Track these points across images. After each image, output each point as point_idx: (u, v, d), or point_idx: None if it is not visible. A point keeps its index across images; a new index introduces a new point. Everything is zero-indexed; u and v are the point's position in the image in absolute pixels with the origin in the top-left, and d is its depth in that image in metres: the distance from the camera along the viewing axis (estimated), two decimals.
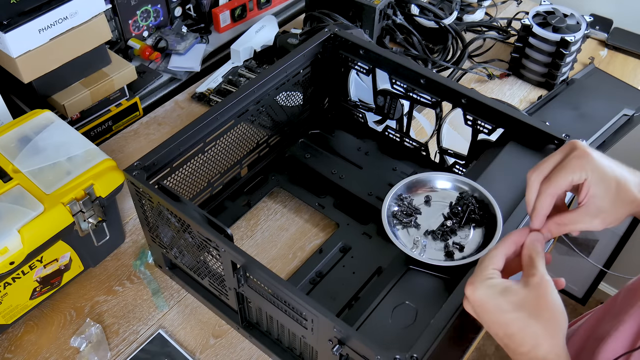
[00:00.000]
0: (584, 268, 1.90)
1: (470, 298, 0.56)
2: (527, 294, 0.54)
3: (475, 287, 0.56)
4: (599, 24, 1.37)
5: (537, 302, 0.53)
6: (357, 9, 1.21)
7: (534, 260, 0.57)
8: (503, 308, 0.54)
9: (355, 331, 0.59)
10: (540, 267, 0.56)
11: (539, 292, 0.54)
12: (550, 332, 0.53)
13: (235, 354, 0.81)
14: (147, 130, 1.12)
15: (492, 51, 1.33)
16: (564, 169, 0.57)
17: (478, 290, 0.55)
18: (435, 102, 0.88)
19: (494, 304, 0.55)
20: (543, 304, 0.53)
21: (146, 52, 1.24)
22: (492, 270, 0.57)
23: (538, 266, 0.56)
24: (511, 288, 0.55)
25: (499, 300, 0.54)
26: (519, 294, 0.54)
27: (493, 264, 0.57)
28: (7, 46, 0.91)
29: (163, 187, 0.74)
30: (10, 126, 0.86)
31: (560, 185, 0.57)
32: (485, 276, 0.56)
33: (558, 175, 0.57)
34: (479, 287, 0.55)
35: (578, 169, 0.57)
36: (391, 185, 0.86)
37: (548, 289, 0.54)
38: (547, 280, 0.55)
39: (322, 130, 1.05)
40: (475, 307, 0.57)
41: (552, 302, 0.54)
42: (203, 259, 0.75)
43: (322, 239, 0.94)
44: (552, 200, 0.58)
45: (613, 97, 1.19)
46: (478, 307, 0.56)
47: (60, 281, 0.85)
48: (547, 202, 0.58)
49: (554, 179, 0.57)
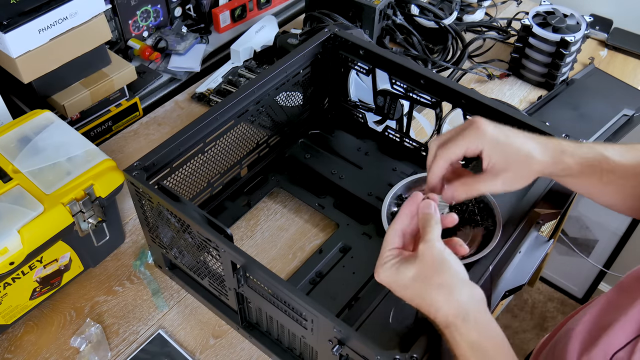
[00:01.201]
0: (584, 268, 1.90)
1: (380, 282, 0.61)
2: (417, 266, 0.58)
3: (378, 273, 0.61)
4: (599, 24, 1.37)
5: (425, 270, 0.58)
6: (357, 9, 1.21)
7: (423, 229, 0.61)
8: (402, 284, 0.59)
9: (355, 331, 0.59)
10: (428, 235, 0.60)
11: (426, 259, 0.58)
12: (445, 294, 0.57)
13: (235, 354, 0.81)
14: (147, 131, 1.12)
15: (492, 51, 1.33)
16: (460, 138, 0.64)
17: (380, 275, 0.60)
18: (435, 102, 0.88)
19: (395, 283, 0.60)
20: (431, 271, 0.58)
21: (146, 52, 1.24)
22: (389, 251, 0.61)
23: (427, 234, 0.60)
24: (404, 264, 0.59)
25: (398, 278, 0.59)
26: (411, 268, 0.59)
27: (389, 245, 0.62)
28: (7, 46, 0.91)
29: (163, 187, 0.74)
30: (10, 126, 0.87)
31: (455, 151, 0.64)
32: (383, 260, 0.61)
33: (454, 143, 0.64)
34: (380, 271, 0.60)
35: (473, 138, 0.63)
36: (391, 186, 0.86)
37: (434, 254, 0.58)
38: (433, 247, 0.59)
39: (322, 130, 1.05)
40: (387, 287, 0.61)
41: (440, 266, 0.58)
42: (203, 259, 0.75)
43: (322, 239, 0.94)
44: (445, 164, 0.64)
45: (613, 97, 1.19)
46: (388, 287, 0.61)
47: (60, 281, 0.85)
48: (440, 164, 0.64)
49: (450, 145, 0.64)
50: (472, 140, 0.63)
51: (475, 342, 0.57)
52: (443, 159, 0.64)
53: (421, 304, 0.59)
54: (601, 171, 0.65)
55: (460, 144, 0.63)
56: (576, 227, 1.86)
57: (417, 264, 0.58)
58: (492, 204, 0.76)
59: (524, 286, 0.75)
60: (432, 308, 0.58)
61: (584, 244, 1.87)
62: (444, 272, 0.58)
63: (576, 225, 1.85)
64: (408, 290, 0.59)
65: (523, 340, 1.91)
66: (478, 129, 0.63)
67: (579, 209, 1.82)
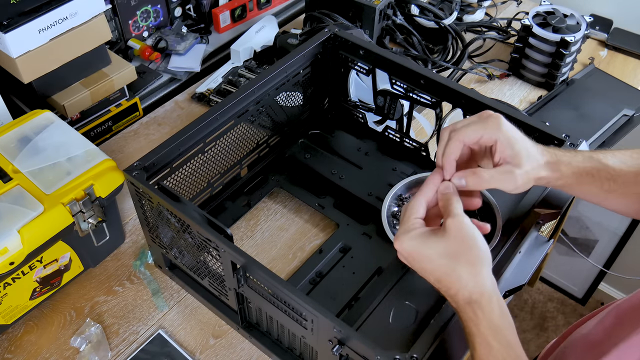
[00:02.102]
0: (584, 268, 1.90)
1: (399, 250, 0.60)
2: (446, 241, 0.57)
3: (401, 240, 0.59)
4: (599, 24, 1.37)
5: (456, 245, 0.57)
6: (357, 9, 1.21)
7: (448, 205, 0.60)
8: (427, 257, 0.58)
9: (355, 331, 0.59)
10: (455, 210, 0.59)
11: (456, 234, 0.58)
12: (472, 271, 0.57)
13: (235, 354, 0.81)
14: (147, 131, 1.12)
15: (492, 51, 1.33)
16: (477, 124, 0.63)
17: (404, 243, 0.59)
18: (435, 103, 0.88)
19: (418, 254, 0.59)
20: (462, 247, 0.57)
21: (146, 53, 1.24)
22: (414, 219, 0.60)
23: (453, 210, 0.59)
24: (433, 236, 0.58)
25: (423, 250, 0.58)
26: (440, 240, 0.58)
27: (414, 214, 0.61)
28: (7, 46, 0.91)
29: (163, 187, 0.74)
30: (10, 126, 0.87)
31: (470, 135, 0.63)
32: (408, 228, 0.60)
33: (469, 127, 0.63)
34: (404, 239, 0.59)
35: (490, 127, 0.62)
36: (391, 186, 0.86)
37: (464, 230, 0.58)
38: (462, 222, 0.58)
39: (322, 130, 1.05)
40: (405, 257, 0.60)
41: (471, 242, 0.58)
42: (203, 259, 0.75)
43: (322, 239, 0.94)
44: (460, 145, 0.63)
45: (613, 97, 1.19)
46: (408, 257, 0.60)
47: (60, 281, 0.85)
48: (455, 145, 0.63)
49: (465, 129, 0.63)
50: (488, 129, 0.62)
51: (495, 322, 0.57)
52: (458, 139, 0.63)
53: (443, 279, 0.58)
54: (601, 179, 0.65)
55: (476, 129, 0.63)
56: (576, 227, 1.86)
57: (447, 239, 0.58)
58: (492, 204, 0.76)
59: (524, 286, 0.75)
60: (456, 284, 0.57)
61: (584, 244, 1.87)
62: (474, 248, 0.58)
63: (576, 225, 1.85)
64: (431, 264, 0.58)
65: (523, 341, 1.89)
66: (496, 120, 0.63)
67: (579, 209, 1.82)
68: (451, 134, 0.64)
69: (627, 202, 0.67)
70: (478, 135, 0.63)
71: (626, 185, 0.65)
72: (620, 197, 0.67)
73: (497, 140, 0.62)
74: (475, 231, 0.59)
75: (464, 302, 0.57)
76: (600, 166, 0.65)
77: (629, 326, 0.56)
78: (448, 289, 0.58)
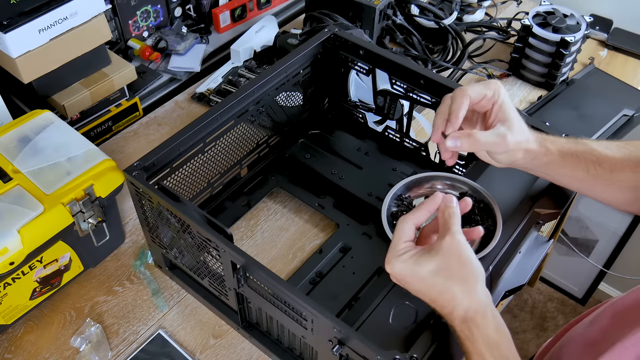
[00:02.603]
0: (584, 268, 1.90)
1: (391, 273, 0.60)
2: (439, 259, 0.57)
3: (392, 264, 0.59)
4: (599, 24, 1.37)
5: (449, 264, 0.57)
6: (357, 10, 1.21)
7: (447, 222, 0.60)
8: (420, 277, 0.58)
9: (355, 331, 0.59)
10: (452, 228, 0.59)
11: (450, 254, 0.57)
12: (467, 289, 0.57)
13: (235, 354, 0.81)
14: (147, 131, 1.12)
15: (492, 51, 1.33)
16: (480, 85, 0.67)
17: (395, 266, 0.59)
18: (435, 103, 0.88)
19: (411, 276, 0.59)
20: (455, 265, 0.57)
21: (146, 53, 1.24)
22: (404, 244, 0.60)
23: (451, 227, 0.59)
24: (424, 257, 0.58)
25: (415, 271, 0.58)
26: (432, 260, 0.58)
27: (403, 237, 0.61)
28: (7, 46, 0.91)
29: (163, 187, 0.74)
30: (10, 126, 0.87)
31: (476, 90, 0.66)
32: (397, 252, 0.60)
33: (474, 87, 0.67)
34: (394, 263, 0.59)
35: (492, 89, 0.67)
36: (391, 186, 0.86)
37: (459, 248, 0.58)
38: (457, 240, 0.58)
39: (322, 130, 1.05)
40: (399, 280, 0.61)
41: (464, 260, 0.58)
42: (203, 259, 0.75)
43: (322, 239, 0.94)
44: (466, 101, 0.66)
45: (613, 97, 1.19)
46: (401, 280, 0.60)
47: (60, 281, 0.85)
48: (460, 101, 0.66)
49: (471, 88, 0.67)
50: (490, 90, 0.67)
51: (491, 337, 0.57)
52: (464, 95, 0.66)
53: (437, 298, 0.58)
54: (587, 162, 0.67)
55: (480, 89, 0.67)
56: (576, 227, 1.86)
57: (440, 257, 0.58)
58: (492, 204, 0.76)
59: (524, 286, 0.75)
60: (451, 302, 0.57)
61: (584, 244, 1.87)
62: (467, 265, 0.58)
63: (576, 225, 1.85)
64: (424, 284, 0.58)
65: (523, 341, 1.91)
66: (497, 84, 0.67)
67: (579, 209, 1.82)
68: (456, 91, 0.67)
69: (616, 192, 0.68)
70: (482, 94, 0.67)
71: (612, 170, 0.66)
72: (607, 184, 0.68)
73: (495, 103, 0.66)
74: (468, 248, 0.59)
75: (460, 321, 0.57)
76: (586, 148, 0.68)
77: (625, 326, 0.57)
78: (443, 308, 0.58)
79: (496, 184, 0.79)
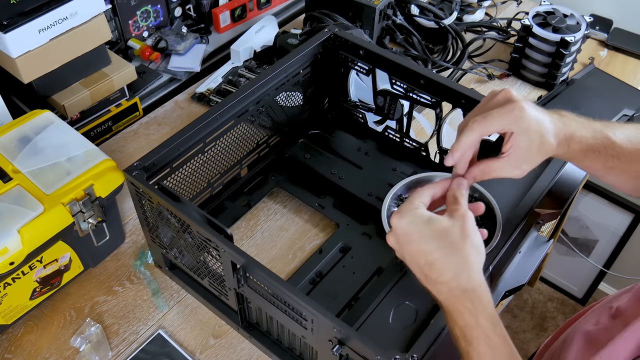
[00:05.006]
0: (584, 268, 1.90)
1: (396, 227, 0.58)
2: (450, 224, 0.57)
3: (402, 216, 0.58)
4: (599, 24, 1.37)
5: (459, 232, 0.56)
6: (357, 9, 1.21)
7: (457, 198, 0.60)
8: (426, 235, 0.57)
9: (355, 331, 0.59)
10: (463, 204, 0.59)
11: (461, 223, 0.57)
12: (470, 263, 0.56)
13: (235, 354, 0.81)
14: (147, 131, 1.12)
15: (492, 51, 1.33)
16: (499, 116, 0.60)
17: (404, 219, 0.58)
18: (435, 103, 0.88)
19: (417, 232, 0.57)
20: (465, 235, 0.56)
21: (146, 53, 1.24)
22: (419, 202, 0.60)
23: (462, 202, 0.59)
24: (436, 218, 0.58)
25: (423, 228, 0.57)
26: (443, 223, 0.57)
27: (420, 198, 0.60)
28: (7, 46, 0.91)
29: (163, 187, 0.74)
30: (10, 126, 0.87)
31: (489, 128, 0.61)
32: (412, 207, 0.59)
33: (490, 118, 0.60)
34: (406, 215, 0.58)
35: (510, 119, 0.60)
36: (391, 186, 0.86)
37: (470, 222, 0.58)
38: (469, 215, 0.58)
39: (322, 130, 1.05)
40: (399, 236, 0.59)
41: (473, 234, 0.57)
42: (203, 259, 0.75)
43: (322, 239, 0.94)
44: (477, 138, 0.61)
45: (613, 97, 1.19)
46: (402, 236, 0.58)
47: (60, 281, 0.85)
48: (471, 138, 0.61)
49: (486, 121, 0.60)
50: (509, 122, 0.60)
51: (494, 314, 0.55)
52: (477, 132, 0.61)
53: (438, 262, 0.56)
54: (606, 156, 0.65)
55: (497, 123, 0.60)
56: (576, 227, 1.86)
57: (453, 222, 0.57)
58: (492, 204, 0.76)
59: (524, 286, 0.75)
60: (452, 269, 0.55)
61: (584, 244, 1.87)
62: (476, 242, 0.57)
63: (576, 225, 1.85)
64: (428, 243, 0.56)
65: (523, 341, 1.91)
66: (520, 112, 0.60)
67: (579, 209, 1.82)
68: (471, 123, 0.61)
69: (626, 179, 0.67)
70: (498, 129, 0.61)
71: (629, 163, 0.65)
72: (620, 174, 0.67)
73: (514, 133, 0.60)
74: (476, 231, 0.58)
75: (460, 290, 0.55)
76: (607, 143, 0.65)
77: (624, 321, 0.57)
78: (439, 275, 0.56)
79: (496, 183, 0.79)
